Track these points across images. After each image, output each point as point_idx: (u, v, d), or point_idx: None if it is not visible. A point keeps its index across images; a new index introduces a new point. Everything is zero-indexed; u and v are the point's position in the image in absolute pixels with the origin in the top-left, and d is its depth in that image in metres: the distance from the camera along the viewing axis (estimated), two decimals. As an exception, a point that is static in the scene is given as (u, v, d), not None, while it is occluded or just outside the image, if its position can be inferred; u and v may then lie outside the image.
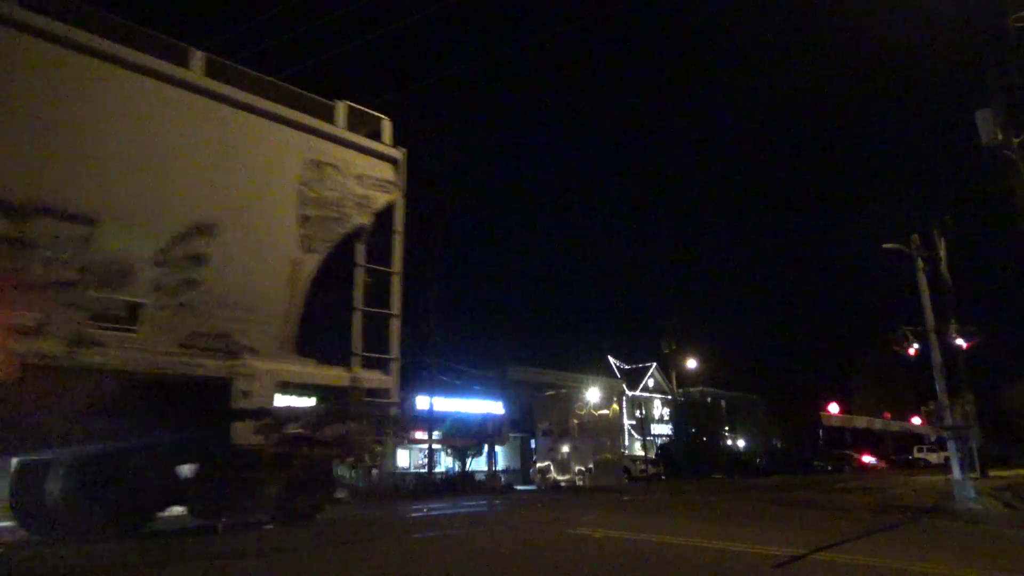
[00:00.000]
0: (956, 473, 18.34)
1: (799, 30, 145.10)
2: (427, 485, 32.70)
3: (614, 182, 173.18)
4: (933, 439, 35.62)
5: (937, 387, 19.03)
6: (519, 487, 39.04)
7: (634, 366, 57.52)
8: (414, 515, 20.36)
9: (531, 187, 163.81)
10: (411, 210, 16.10)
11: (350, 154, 14.34)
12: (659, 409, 57.35)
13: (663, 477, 42.73)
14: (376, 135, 15.27)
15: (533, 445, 43.34)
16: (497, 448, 39.04)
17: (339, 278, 14.24)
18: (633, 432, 52.17)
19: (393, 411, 15.03)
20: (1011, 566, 9.26)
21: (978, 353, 23.07)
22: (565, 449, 38.81)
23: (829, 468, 44.96)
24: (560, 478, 37.91)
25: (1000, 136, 13.45)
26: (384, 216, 14.92)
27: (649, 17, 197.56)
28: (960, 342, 20.80)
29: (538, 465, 39.95)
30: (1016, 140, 13.44)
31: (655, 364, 57.12)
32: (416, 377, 37.54)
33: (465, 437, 36.40)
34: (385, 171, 14.95)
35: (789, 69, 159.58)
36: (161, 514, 13.41)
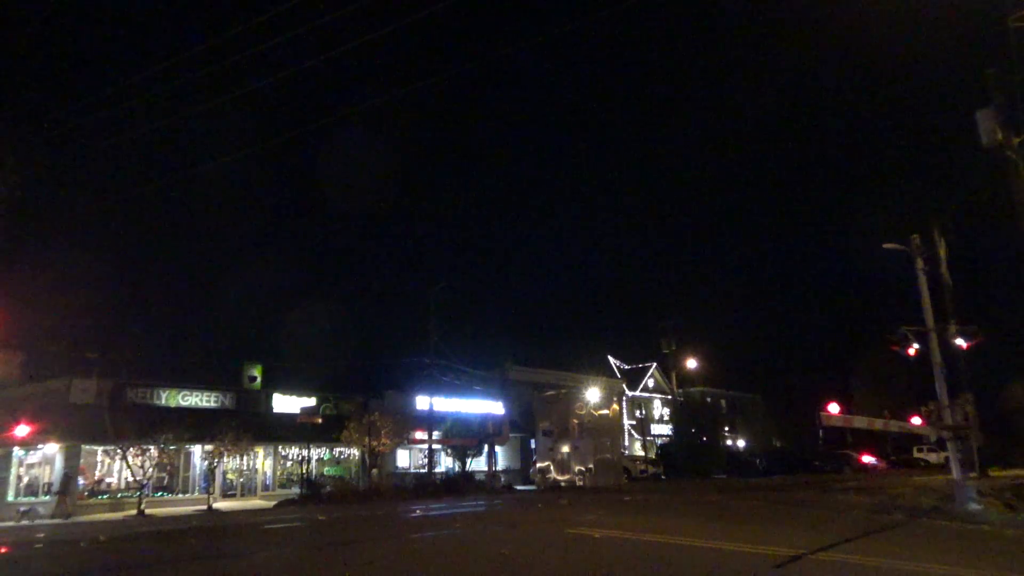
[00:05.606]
0: (956, 473, 18.31)
1: (799, 30, 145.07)
2: (427, 485, 32.67)
3: (615, 182, 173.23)
4: (933, 439, 35.52)
5: (937, 387, 18.99)
6: (519, 487, 39.00)
7: (634, 366, 57.42)
8: (414, 515, 20.36)
9: (532, 188, 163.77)
10: (412, 209, 16.09)
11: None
12: (659, 409, 57.30)
13: (663, 477, 42.68)
14: None
15: (533, 445, 43.25)
16: (497, 448, 39.01)
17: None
18: (633, 432, 52.13)
19: None
20: (1011, 566, 9.26)
21: (978, 353, 22.99)
22: (565, 449, 38.74)
23: (829, 468, 44.90)
24: (560, 478, 37.84)
25: (1000, 136, 13.40)
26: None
27: (649, 17, 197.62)
28: (960, 342, 20.74)
29: (538, 465, 39.88)
30: (1016, 140, 13.41)
31: (655, 364, 57.03)
32: (416, 377, 37.57)
33: (465, 437, 36.37)
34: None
35: (790, 69, 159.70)
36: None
